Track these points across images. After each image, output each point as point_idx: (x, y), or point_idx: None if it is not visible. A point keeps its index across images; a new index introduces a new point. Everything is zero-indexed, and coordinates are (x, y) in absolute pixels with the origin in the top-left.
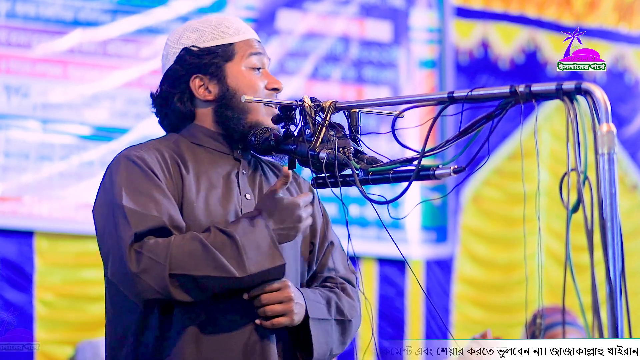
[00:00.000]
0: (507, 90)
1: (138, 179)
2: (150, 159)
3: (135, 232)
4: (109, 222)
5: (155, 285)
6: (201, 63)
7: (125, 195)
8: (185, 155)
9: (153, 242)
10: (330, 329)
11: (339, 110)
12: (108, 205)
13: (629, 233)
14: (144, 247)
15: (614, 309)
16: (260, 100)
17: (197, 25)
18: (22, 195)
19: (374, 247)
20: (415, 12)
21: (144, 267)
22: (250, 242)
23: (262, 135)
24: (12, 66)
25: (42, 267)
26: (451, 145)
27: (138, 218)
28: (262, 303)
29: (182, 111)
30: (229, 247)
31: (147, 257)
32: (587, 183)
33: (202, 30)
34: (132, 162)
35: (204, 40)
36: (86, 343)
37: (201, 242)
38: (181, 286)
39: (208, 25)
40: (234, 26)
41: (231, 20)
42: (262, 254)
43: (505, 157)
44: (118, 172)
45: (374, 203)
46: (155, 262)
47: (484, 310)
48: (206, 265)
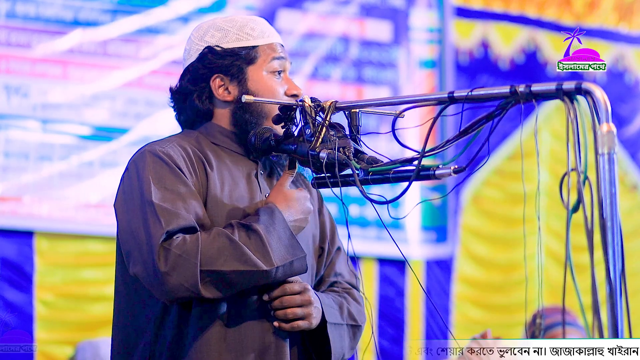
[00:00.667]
0: (507, 90)
1: (165, 175)
2: (176, 155)
3: (167, 231)
4: (136, 218)
5: (185, 282)
6: (223, 64)
7: (155, 191)
8: (208, 153)
9: (181, 239)
10: (343, 333)
11: (339, 110)
12: (135, 200)
13: (629, 233)
14: (172, 245)
15: (614, 309)
16: (261, 100)
17: (222, 24)
18: (22, 195)
19: (374, 247)
20: (415, 12)
21: (173, 265)
22: (272, 235)
23: (262, 135)
24: (12, 66)
25: (42, 267)
26: (451, 145)
27: (169, 216)
28: (283, 305)
29: (200, 109)
30: (253, 240)
31: (177, 255)
32: (587, 183)
33: (227, 29)
34: (159, 157)
35: (228, 40)
36: (86, 343)
37: (228, 237)
38: (211, 282)
39: (233, 26)
40: (259, 28)
41: (257, 21)
42: (284, 246)
43: (505, 157)
44: (145, 167)
45: (374, 203)
46: (185, 260)
47: (484, 310)
48: (235, 260)
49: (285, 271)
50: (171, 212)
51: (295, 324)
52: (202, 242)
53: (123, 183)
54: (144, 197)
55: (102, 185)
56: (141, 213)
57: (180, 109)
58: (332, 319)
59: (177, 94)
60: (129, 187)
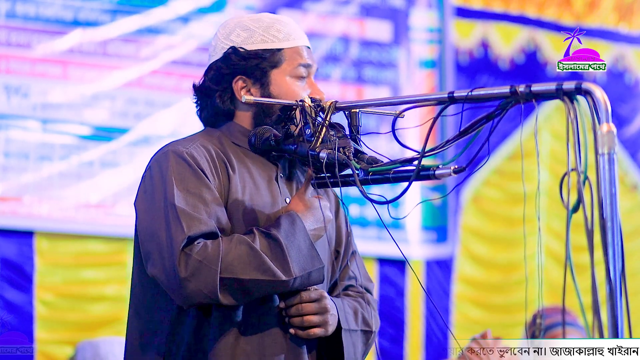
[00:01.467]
0: (507, 90)
1: (189, 177)
2: (199, 157)
3: (188, 236)
4: (158, 219)
5: (204, 289)
6: (247, 65)
7: (177, 194)
8: (230, 154)
9: (202, 245)
10: (357, 339)
11: (339, 110)
12: (157, 202)
13: (629, 233)
14: (193, 250)
15: (614, 309)
16: (261, 100)
17: (249, 24)
18: (22, 195)
19: (374, 247)
20: (415, 12)
21: (193, 271)
22: (293, 244)
23: (263, 135)
24: (12, 66)
25: (42, 267)
26: (451, 145)
27: (191, 221)
28: (299, 313)
29: (222, 109)
30: (274, 249)
31: (198, 261)
32: (587, 183)
33: (253, 30)
34: (182, 159)
35: (253, 41)
36: (86, 343)
37: (249, 245)
38: (230, 290)
39: (260, 26)
40: (285, 30)
41: (284, 22)
42: (303, 256)
43: (505, 157)
44: (168, 168)
45: (374, 203)
46: (206, 266)
47: (484, 310)
48: (254, 269)
49: (302, 282)
50: (193, 216)
51: (312, 332)
52: (223, 249)
53: (144, 182)
54: (166, 199)
55: (102, 185)
56: (163, 215)
57: (202, 107)
58: (347, 325)
59: (200, 91)
60: (150, 187)
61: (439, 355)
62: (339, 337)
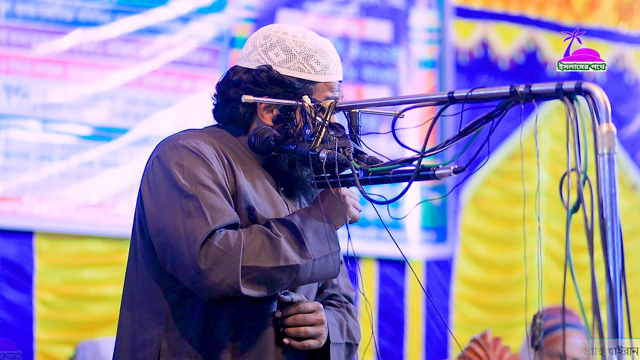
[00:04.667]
0: (507, 90)
1: (203, 170)
2: (208, 152)
3: (213, 229)
4: (175, 210)
5: (227, 278)
6: (276, 89)
7: (196, 186)
8: (234, 156)
9: (224, 235)
10: (342, 352)
11: (339, 110)
12: (172, 195)
13: (629, 233)
14: (215, 240)
15: (614, 309)
16: (261, 100)
17: (291, 46)
18: (22, 195)
19: (374, 247)
20: (415, 12)
21: (215, 260)
22: (309, 227)
23: (262, 135)
24: (12, 66)
25: (42, 267)
26: (451, 145)
27: (215, 212)
28: (296, 323)
29: (240, 119)
30: (291, 234)
31: (220, 250)
32: (587, 183)
33: (293, 54)
34: (194, 153)
35: (290, 67)
36: (87, 343)
37: (267, 234)
38: (252, 280)
39: (301, 52)
40: (325, 62)
41: (325, 53)
42: (321, 238)
43: (505, 157)
44: (182, 161)
45: (374, 203)
46: (228, 255)
47: (484, 310)
48: (275, 258)
49: (321, 265)
50: (216, 207)
51: (306, 343)
52: (244, 239)
53: (154, 175)
54: (184, 191)
55: (102, 185)
56: (181, 209)
57: (220, 107)
58: (335, 338)
59: (223, 93)
60: (161, 178)
61: (439, 355)
62: (327, 350)
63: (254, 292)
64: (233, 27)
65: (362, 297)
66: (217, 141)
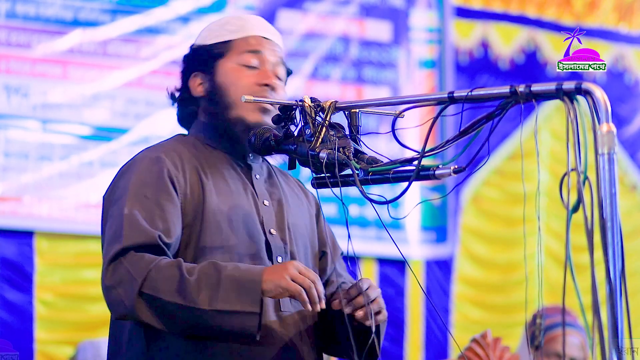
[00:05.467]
0: (507, 90)
1: (150, 183)
2: (169, 163)
3: (122, 247)
4: (110, 227)
5: (125, 299)
6: (198, 61)
7: (130, 202)
8: (202, 158)
9: (138, 256)
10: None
11: (339, 110)
12: (114, 207)
13: (629, 233)
14: (126, 259)
15: (614, 309)
16: (261, 100)
17: (212, 25)
18: (22, 195)
19: (374, 247)
20: (415, 12)
21: (119, 280)
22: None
23: (262, 135)
24: (12, 66)
25: (42, 267)
26: (451, 145)
27: (131, 231)
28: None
29: (185, 108)
30: (209, 277)
31: (126, 270)
32: (587, 183)
33: (212, 29)
34: (149, 165)
35: (209, 38)
36: (87, 343)
37: (180, 269)
38: (148, 307)
39: (218, 24)
40: (239, 24)
41: (242, 18)
42: (240, 295)
43: (505, 157)
44: (132, 176)
45: (374, 203)
46: (130, 276)
47: (484, 310)
48: (177, 293)
49: (230, 320)
50: (135, 226)
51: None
52: (156, 265)
53: (112, 183)
54: (120, 205)
55: (102, 185)
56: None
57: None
58: None
59: (171, 97)
60: (112, 194)
61: (439, 355)
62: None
63: (151, 319)
64: None
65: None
66: (183, 147)
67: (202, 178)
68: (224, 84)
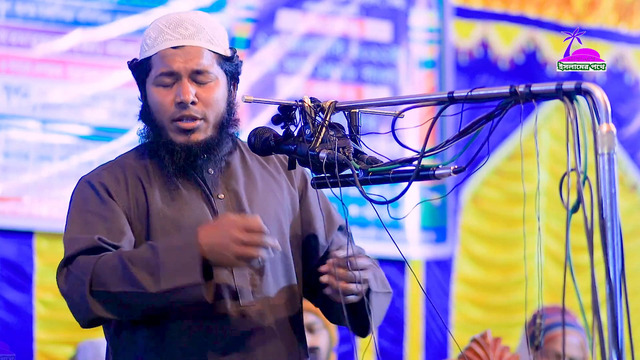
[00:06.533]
0: (507, 90)
1: (91, 199)
2: (108, 179)
3: (66, 257)
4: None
5: (80, 302)
6: (135, 78)
7: (72, 219)
8: (150, 165)
9: (83, 260)
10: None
11: (339, 110)
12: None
13: (629, 233)
14: (72, 266)
15: (614, 309)
16: (260, 100)
17: (145, 32)
18: (22, 195)
19: (374, 247)
20: (415, 12)
21: (70, 286)
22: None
23: (262, 135)
24: (12, 66)
25: (42, 267)
26: (451, 145)
27: (70, 243)
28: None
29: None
30: (148, 262)
31: (74, 276)
32: (587, 183)
33: (143, 39)
34: (88, 184)
35: (140, 51)
36: (87, 343)
37: (120, 258)
38: (101, 303)
39: (144, 36)
40: (153, 36)
41: (157, 27)
42: (180, 270)
43: (505, 157)
44: (73, 197)
45: (374, 203)
46: (79, 280)
47: (484, 310)
48: (122, 281)
49: (177, 296)
50: (73, 238)
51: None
52: (98, 262)
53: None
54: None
55: None
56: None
57: None
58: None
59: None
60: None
61: (439, 355)
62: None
63: (107, 314)
64: (233, 27)
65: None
66: (130, 160)
67: (145, 187)
68: (151, 106)
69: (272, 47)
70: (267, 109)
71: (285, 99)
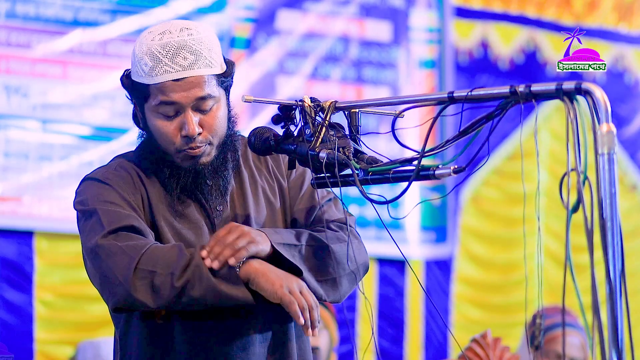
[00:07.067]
0: (507, 90)
1: (107, 193)
2: (116, 180)
3: (108, 230)
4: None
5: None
6: (130, 93)
7: (98, 202)
8: (148, 174)
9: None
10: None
11: (339, 110)
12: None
13: (629, 233)
14: (116, 237)
15: (614, 309)
16: (260, 100)
17: (135, 48)
18: (22, 195)
19: (374, 247)
20: (415, 12)
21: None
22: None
23: (262, 135)
24: (12, 66)
25: (42, 267)
26: (451, 145)
27: (111, 218)
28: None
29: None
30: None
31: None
32: (587, 183)
33: (133, 58)
34: (99, 181)
35: (133, 71)
36: (87, 343)
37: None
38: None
39: (135, 56)
40: (150, 64)
41: (153, 54)
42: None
43: (505, 157)
44: (88, 189)
45: (374, 203)
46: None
47: (484, 310)
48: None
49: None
50: (113, 214)
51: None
52: (152, 246)
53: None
54: (90, 210)
55: None
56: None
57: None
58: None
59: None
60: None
61: (439, 355)
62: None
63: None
64: (233, 27)
65: (362, 297)
66: (128, 166)
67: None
68: (153, 132)
69: (272, 47)
70: (267, 109)
71: (285, 99)
